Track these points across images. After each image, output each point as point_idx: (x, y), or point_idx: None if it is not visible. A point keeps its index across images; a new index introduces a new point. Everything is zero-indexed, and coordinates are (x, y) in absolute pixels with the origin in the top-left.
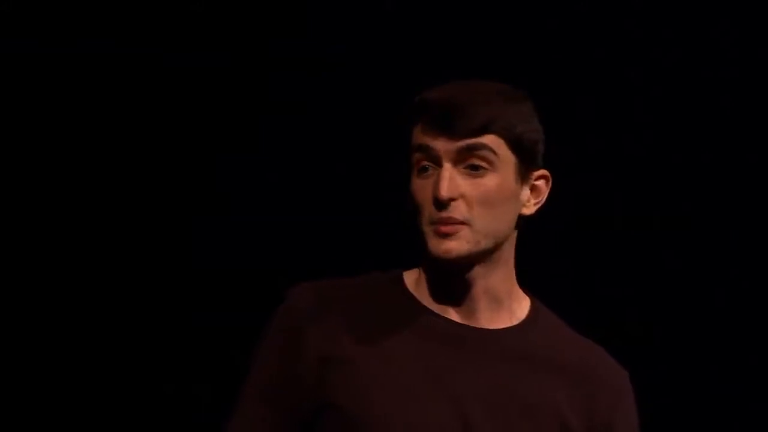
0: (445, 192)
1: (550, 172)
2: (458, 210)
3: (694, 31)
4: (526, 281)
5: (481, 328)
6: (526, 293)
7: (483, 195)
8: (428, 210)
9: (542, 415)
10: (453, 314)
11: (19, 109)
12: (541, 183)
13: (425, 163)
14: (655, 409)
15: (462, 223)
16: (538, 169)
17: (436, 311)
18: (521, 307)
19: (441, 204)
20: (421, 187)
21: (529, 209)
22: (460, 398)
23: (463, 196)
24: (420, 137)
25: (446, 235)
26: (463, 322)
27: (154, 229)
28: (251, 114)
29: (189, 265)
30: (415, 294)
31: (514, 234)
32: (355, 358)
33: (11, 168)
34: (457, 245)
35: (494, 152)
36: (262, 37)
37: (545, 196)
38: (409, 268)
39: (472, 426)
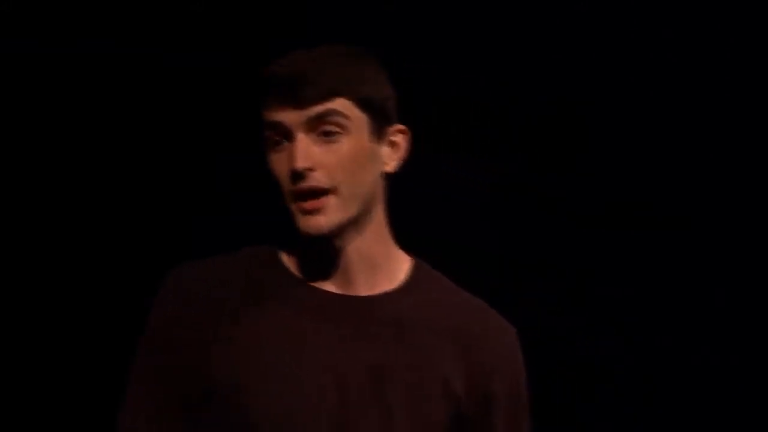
0: (300, 162)
1: (551, 172)
2: (317, 179)
3: (693, 31)
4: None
5: (358, 296)
6: (407, 254)
7: (341, 160)
8: (288, 184)
9: (424, 380)
10: (329, 285)
11: (19, 109)
12: (399, 138)
13: (277, 138)
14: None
15: (325, 192)
16: (393, 125)
17: (311, 283)
18: (402, 269)
19: (298, 175)
20: (277, 162)
21: (391, 166)
22: (338, 370)
23: (320, 165)
24: (268, 113)
25: (312, 211)
26: (339, 292)
27: (154, 229)
28: (251, 114)
29: None
30: (291, 267)
31: (382, 194)
32: (232, 337)
33: (11, 168)
34: (326, 219)
35: (345, 115)
36: (262, 37)
37: (405, 151)
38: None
39: (350, 397)
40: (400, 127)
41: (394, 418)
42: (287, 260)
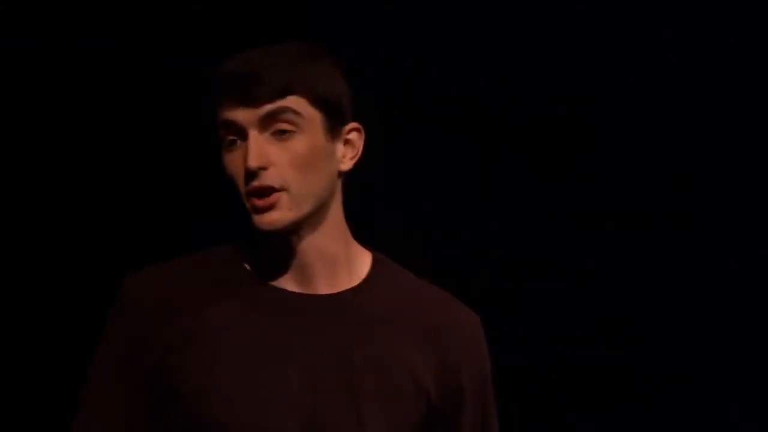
0: (253, 162)
1: (551, 172)
2: (271, 178)
3: (694, 31)
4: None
5: (319, 295)
6: (367, 249)
7: (294, 158)
8: (242, 183)
9: (394, 376)
10: (289, 284)
11: (19, 109)
12: (353, 136)
13: (231, 137)
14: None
15: (278, 190)
16: (348, 124)
17: (272, 283)
18: (362, 264)
19: (252, 175)
20: (231, 161)
21: (346, 165)
22: (305, 369)
23: (273, 164)
24: (221, 112)
25: (265, 208)
26: (300, 291)
27: (154, 229)
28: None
29: None
30: (250, 268)
31: (338, 192)
32: (195, 341)
33: (11, 168)
34: (279, 215)
35: (298, 113)
36: (262, 37)
37: (360, 149)
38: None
39: (319, 397)
40: (355, 125)
41: (365, 415)
42: (248, 261)
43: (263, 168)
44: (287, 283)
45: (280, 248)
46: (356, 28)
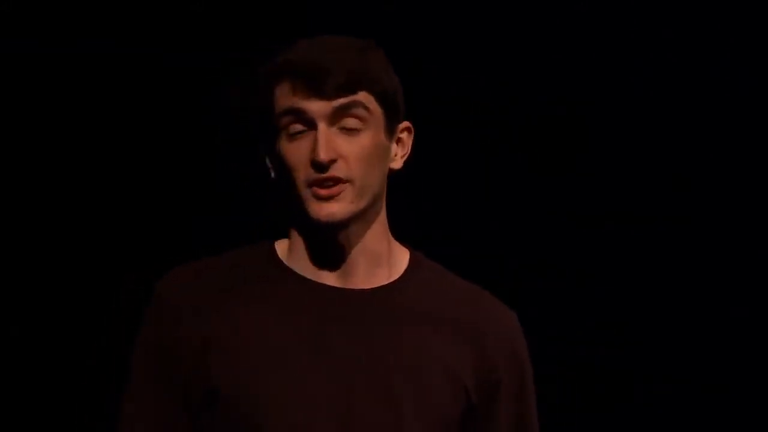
0: (324, 154)
1: (551, 172)
2: (339, 170)
3: (694, 31)
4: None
5: (359, 290)
6: (405, 246)
7: (360, 153)
8: (305, 172)
9: (430, 372)
10: (329, 278)
11: (19, 109)
12: (405, 135)
13: (297, 125)
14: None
15: (343, 181)
16: (402, 122)
17: (310, 278)
18: (401, 261)
19: (321, 166)
20: (294, 149)
21: (397, 163)
22: (342, 365)
23: (342, 156)
24: (289, 99)
25: (327, 198)
26: (339, 286)
27: (154, 229)
28: (251, 111)
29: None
30: (288, 263)
31: (385, 190)
32: (233, 339)
33: (11, 168)
34: (339, 207)
35: (367, 108)
36: (262, 37)
37: (410, 149)
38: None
39: (356, 392)
40: (407, 124)
41: (402, 412)
42: (284, 256)
43: (333, 161)
44: (327, 277)
45: (325, 243)
46: (356, 28)
